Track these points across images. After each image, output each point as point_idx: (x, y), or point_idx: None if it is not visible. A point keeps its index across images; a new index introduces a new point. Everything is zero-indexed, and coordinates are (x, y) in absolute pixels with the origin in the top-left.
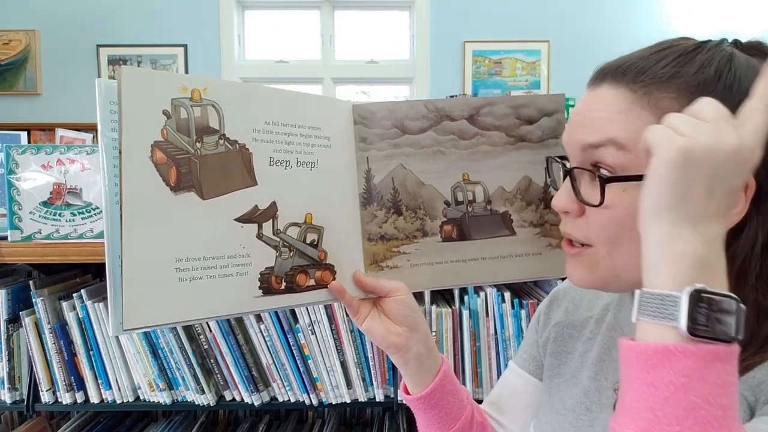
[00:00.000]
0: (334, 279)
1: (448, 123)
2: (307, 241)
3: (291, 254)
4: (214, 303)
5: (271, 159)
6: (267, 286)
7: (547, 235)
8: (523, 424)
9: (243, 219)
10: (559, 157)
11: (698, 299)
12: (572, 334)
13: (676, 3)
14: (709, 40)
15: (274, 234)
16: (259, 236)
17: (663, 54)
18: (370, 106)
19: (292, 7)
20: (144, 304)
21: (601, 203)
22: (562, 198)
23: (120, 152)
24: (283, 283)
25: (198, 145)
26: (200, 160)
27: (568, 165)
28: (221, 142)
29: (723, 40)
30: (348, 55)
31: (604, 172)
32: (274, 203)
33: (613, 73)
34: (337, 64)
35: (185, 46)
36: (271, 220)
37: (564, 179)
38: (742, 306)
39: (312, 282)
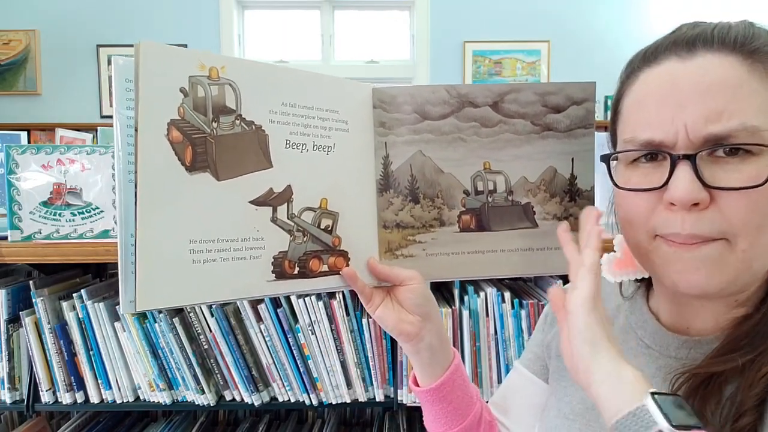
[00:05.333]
0: (347, 265)
1: (471, 109)
2: (322, 227)
3: (305, 239)
4: (228, 286)
5: (288, 141)
6: (280, 270)
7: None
8: (528, 426)
9: (257, 202)
10: (607, 153)
11: (657, 398)
12: None
13: (677, 3)
14: (746, 20)
15: (288, 218)
16: (274, 220)
17: (745, 23)
18: (391, 90)
19: (292, 7)
20: (158, 285)
21: (766, 181)
22: (690, 188)
23: (136, 130)
24: (296, 268)
25: (214, 124)
26: (216, 140)
27: (678, 153)
28: (237, 122)
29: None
30: (348, 55)
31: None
32: (289, 187)
33: (720, 39)
34: (337, 64)
35: (185, 47)
36: (285, 204)
37: (674, 168)
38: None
39: (325, 268)
